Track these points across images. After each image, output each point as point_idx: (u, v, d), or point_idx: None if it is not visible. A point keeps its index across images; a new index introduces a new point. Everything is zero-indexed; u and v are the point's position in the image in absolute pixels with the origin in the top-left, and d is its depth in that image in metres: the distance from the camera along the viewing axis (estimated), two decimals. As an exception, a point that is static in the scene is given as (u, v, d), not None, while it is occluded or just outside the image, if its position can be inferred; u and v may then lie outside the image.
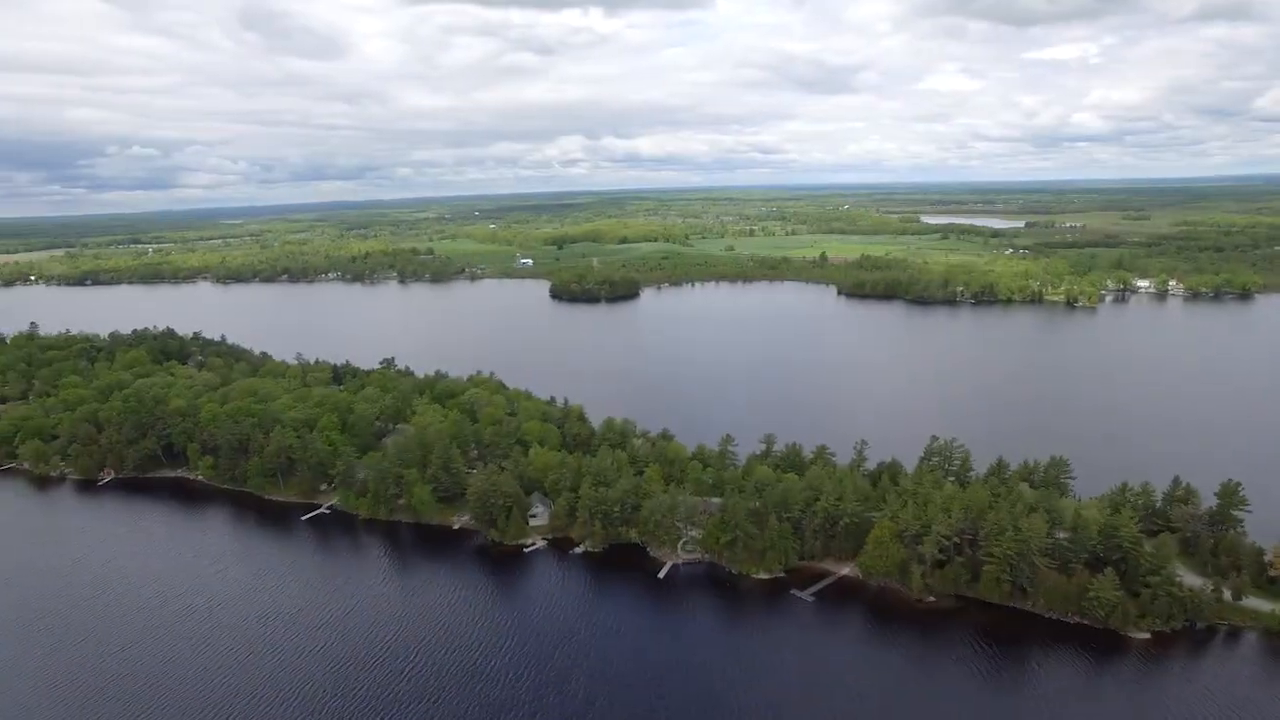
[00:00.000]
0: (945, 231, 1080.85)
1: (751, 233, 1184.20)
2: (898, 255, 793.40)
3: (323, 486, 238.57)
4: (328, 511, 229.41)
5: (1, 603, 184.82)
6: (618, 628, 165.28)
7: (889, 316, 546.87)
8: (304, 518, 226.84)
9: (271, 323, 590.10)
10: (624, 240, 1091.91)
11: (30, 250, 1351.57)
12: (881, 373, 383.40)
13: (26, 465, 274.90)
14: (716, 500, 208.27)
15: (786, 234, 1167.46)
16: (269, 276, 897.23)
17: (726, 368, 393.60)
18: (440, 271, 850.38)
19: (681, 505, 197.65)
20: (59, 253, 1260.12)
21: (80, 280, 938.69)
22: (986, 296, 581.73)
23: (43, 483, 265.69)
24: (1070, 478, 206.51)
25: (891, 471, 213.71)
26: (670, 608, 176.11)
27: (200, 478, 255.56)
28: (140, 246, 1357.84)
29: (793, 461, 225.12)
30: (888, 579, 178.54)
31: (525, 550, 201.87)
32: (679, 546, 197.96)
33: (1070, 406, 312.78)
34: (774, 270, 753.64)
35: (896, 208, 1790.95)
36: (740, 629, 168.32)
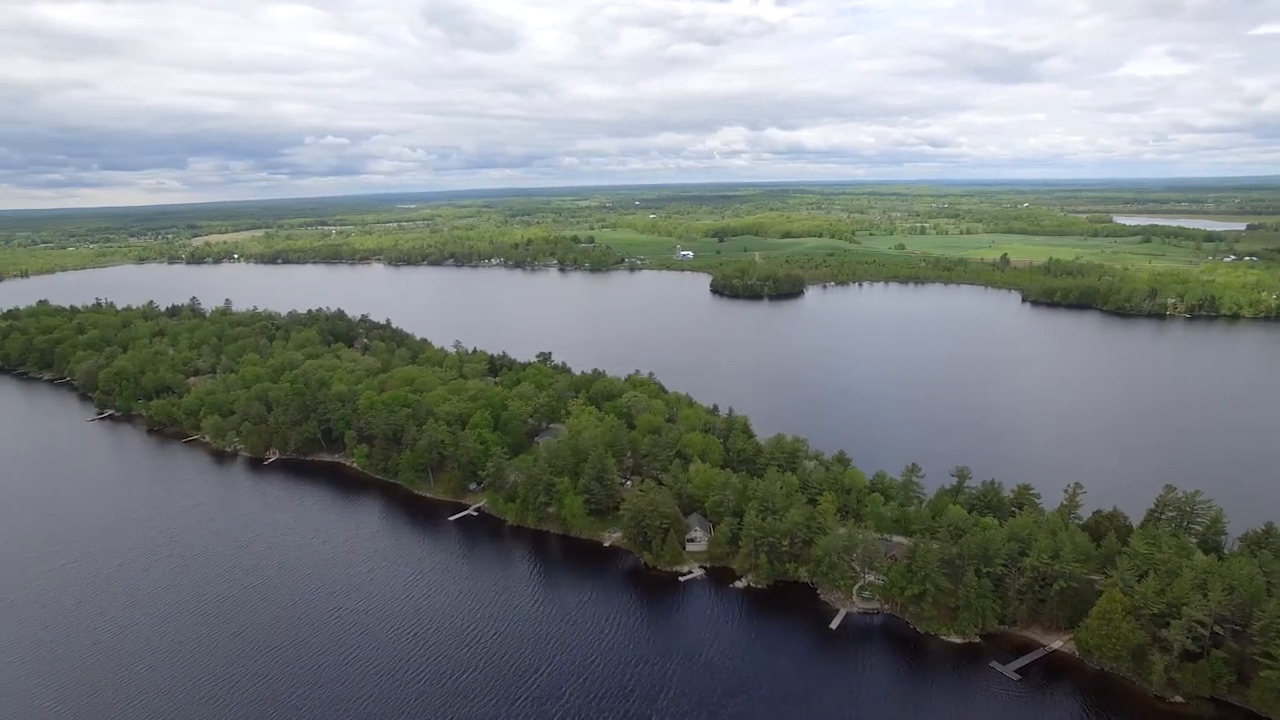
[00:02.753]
0: (1146, 234, 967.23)
1: (923, 230, 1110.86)
2: (1090, 260, 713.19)
3: (471, 485, 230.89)
4: (475, 514, 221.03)
5: (175, 585, 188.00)
6: (788, 688, 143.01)
7: (1086, 329, 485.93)
8: (452, 518, 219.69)
9: (434, 306, 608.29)
10: (787, 234, 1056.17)
11: (237, 230, 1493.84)
12: (1084, 396, 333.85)
13: (208, 438, 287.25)
14: (900, 540, 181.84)
15: (961, 233, 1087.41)
16: (436, 260, 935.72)
17: (902, 379, 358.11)
18: (600, 261, 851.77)
19: (860, 545, 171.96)
20: (259, 233, 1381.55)
21: (273, 259, 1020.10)
22: (1205, 310, 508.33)
23: (219, 456, 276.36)
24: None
25: (1118, 526, 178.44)
26: (847, 668, 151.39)
27: (355, 465, 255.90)
28: (325, 229, 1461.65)
29: (989, 501, 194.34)
30: (1115, 664, 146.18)
31: (680, 579, 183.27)
32: (854, 592, 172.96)
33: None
34: (949, 272, 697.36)
35: (1083, 206, 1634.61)
36: (929, 704, 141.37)
